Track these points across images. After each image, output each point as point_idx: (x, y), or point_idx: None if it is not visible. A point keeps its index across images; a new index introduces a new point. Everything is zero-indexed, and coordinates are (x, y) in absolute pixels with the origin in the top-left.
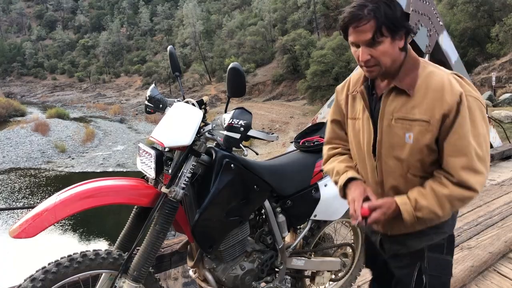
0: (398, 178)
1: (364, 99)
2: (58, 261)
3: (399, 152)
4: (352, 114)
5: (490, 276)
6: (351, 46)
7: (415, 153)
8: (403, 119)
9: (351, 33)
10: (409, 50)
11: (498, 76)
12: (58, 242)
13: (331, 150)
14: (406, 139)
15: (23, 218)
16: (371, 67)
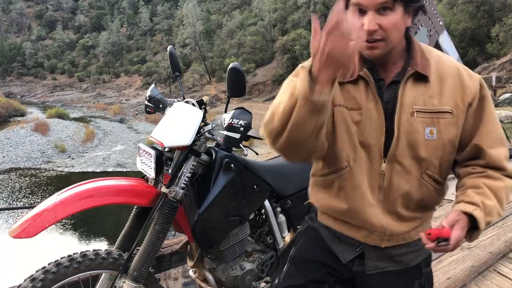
0: (412, 181)
1: (372, 85)
2: (58, 261)
3: (418, 151)
4: (346, 101)
5: (490, 276)
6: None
7: (437, 151)
8: (423, 111)
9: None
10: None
11: (498, 76)
12: (58, 242)
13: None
14: (426, 134)
15: (23, 218)
16: (375, 42)
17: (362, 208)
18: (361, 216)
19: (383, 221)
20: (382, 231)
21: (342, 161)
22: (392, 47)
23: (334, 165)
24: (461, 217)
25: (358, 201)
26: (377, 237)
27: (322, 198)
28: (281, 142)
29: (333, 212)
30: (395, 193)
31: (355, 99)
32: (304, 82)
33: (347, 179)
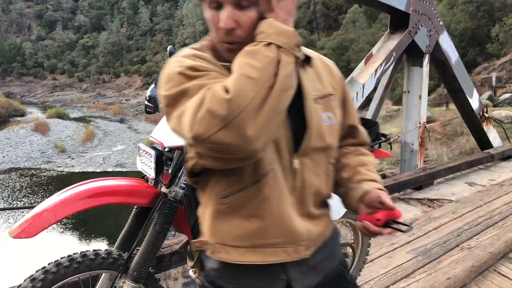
0: (321, 175)
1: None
2: (58, 261)
3: (325, 139)
4: None
5: (491, 276)
6: (207, 9)
7: (335, 136)
8: (318, 97)
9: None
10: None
11: (498, 76)
12: (58, 242)
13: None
14: (325, 120)
15: (23, 218)
16: (234, 44)
17: (288, 218)
18: (287, 228)
19: (305, 225)
20: (307, 237)
21: (265, 167)
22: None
23: (257, 172)
24: (381, 193)
25: (284, 210)
26: (303, 248)
27: (230, 227)
28: (258, 123)
29: (246, 240)
30: (308, 191)
31: None
32: (287, 32)
33: (271, 187)
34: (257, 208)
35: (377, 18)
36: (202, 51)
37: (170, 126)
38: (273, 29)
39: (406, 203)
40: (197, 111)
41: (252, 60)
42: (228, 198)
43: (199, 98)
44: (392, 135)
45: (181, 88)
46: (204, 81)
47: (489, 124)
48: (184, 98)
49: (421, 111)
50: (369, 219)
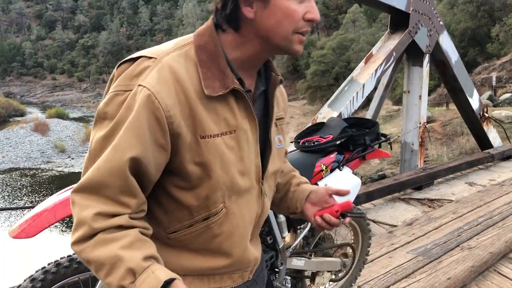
0: (271, 199)
1: (248, 99)
2: (58, 261)
3: (277, 163)
4: (218, 126)
5: (491, 277)
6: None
7: (282, 158)
8: (277, 119)
9: None
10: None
11: (499, 76)
12: (58, 242)
13: (107, 219)
14: (276, 143)
15: (23, 218)
16: (304, 35)
17: (241, 249)
18: (240, 258)
19: (254, 253)
20: (255, 263)
21: (216, 203)
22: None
23: (203, 211)
24: (327, 187)
25: (237, 243)
26: (248, 273)
27: (178, 259)
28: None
29: (197, 271)
30: (263, 217)
31: (225, 121)
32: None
33: (223, 223)
34: (207, 243)
35: (377, 18)
36: (188, 66)
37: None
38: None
39: (406, 203)
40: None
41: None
42: (176, 234)
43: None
44: (392, 135)
45: (111, 128)
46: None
47: (489, 124)
48: (107, 144)
49: (421, 111)
50: (329, 212)
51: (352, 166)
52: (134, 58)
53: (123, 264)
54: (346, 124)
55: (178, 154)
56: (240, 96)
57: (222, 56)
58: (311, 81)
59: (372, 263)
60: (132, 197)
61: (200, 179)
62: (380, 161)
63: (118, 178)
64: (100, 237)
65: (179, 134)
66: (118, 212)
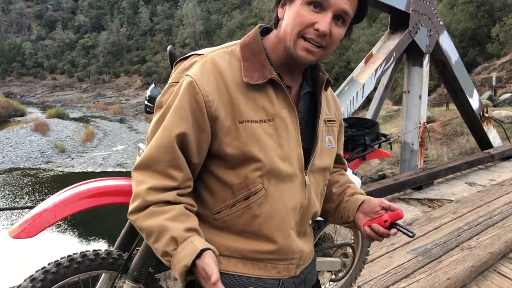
0: (318, 194)
1: (286, 91)
2: (58, 261)
3: (325, 161)
4: (257, 114)
5: (491, 276)
6: (305, 5)
7: (332, 158)
8: (327, 120)
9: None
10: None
11: (499, 76)
12: (58, 242)
13: (157, 193)
14: (326, 143)
15: (23, 218)
16: (317, 47)
17: (283, 235)
18: (282, 245)
19: (299, 245)
20: (299, 256)
21: (255, 183)
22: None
23: (244, 190)
24: (381, 199)
25: (278, 227)
26: (294, 266)
27: (223, 239)
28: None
29: (240, 252)
30: (311, 210)
31: (264, 109)
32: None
33: (262, 204)
34: (248, 224)
35: (377, 18)
36: (232, 60)
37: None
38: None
39: (406, 203)
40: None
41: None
42: (221, 214)
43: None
44: (392, 135)
45: (162, 113)
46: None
47: (489, 124)
48: (158, 127)
49: (421, 111)
50: (377, 222)
51: (352, 166)
52: (187, 56)
53: (168, 233)
54: (346, 124)
55: (217, 137)
56: (278, 87)
57: (263, 52)
58: None
59: (372, 263)
60: (179, 171)
61: (239, 160)
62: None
63: (167, 153)
64: (151, 209)
65: (217, 117)
66: (167, 185)
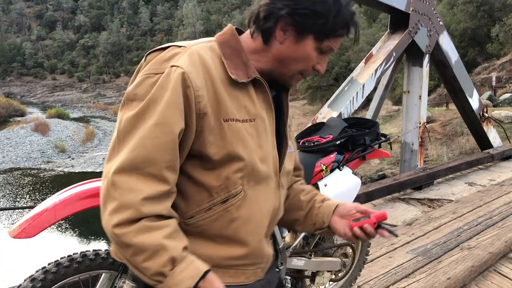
0: (284, 197)
1: (268, 93)
2: (58, 261)
3: (290, 164)
4: (239, 113)
5: (491, 276)
6: (316, 50)
7: (292, 162)
8: (288, 124)
9: (337, 38)
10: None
11: (498, 76)
12: (58, 242)
13: (153, 204)
14: (289, 147)
15: (23, 218)
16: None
17: (257, 239)
18: (255, 249)
19: (267, 248)
20: (267, 260)
21: (236, 185)
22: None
23: (223, 192)
24: (356, 203)
25: (253, 231)
26: (260, 270)
27: (194, 246)
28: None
29: (213, 261)
30: (280, 213)
31: (246, 109)
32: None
33: (241, 207)
34: (224, 228)
35: (377, 18)
36: (213, 57)
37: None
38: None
39: (406, 203)
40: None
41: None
42: (194, 218)
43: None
44: (392, 135)
45: (143, 107)
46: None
47: (489, 124)
48: (140, 123)
49: (421, 111)
50: (368, 223)
51: (352, 166)
52: (163, 47)
53: (167, 253)
54: (346, 124)
55: (202, 135)
56: (259, 87)
57: (244, 52)
58: (311, 81)
59: (372, 263)
60: (174, 172)
61: (221, 160)
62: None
63: (167, 152)
64: (144, 223)
65: (204, 114)
66: (161, 191)
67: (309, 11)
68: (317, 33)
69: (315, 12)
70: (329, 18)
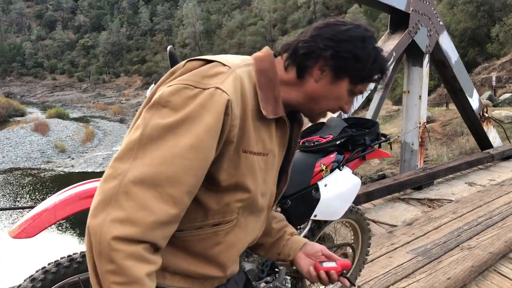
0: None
1: (287, 131)
2: (58, 261)
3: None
4: (258, 145)
5: (491, 276)
6: (347, 92)
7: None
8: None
9: (370, 83)
10: None
11: (498, 76)
12: (58, 242)
13: (160, 230)
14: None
15: (23, 218)
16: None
17: (233, 264)
18: (230, 273)
19: (235, 267)
20: (230, 274)
21: (233, 213)
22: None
23: (218, 216)
24: (322, 247)
25: (233, 257)
26: (224, 280)
27: (175, 258)
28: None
29: (188, 273)
30: (255, 240)
31: (263, 143)
32: None
33: (229, 233)
34: (208, 249)
35: (377, 18)
36: (249, 85)
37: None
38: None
39: (406, 203)
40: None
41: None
42: (183, 233)
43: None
44: (392, 135)
45: (179, 120)
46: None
47: (489, 124)
48: (169, 136)
49: (421, 111)
50: (335, 270)
51: (352, 166)
52: (207, 60)
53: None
54: (346, 124)
55: (218, 161)
56: (280, 124)
57: (278, 87)
58: None
59: (372, 263)
60: (191, 198)
61: (228, 187)
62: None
63: (194, 177)
64: (139, 251)
65: (230, 143)
66: (172, 215)
67: (351, 55)
68: (353, 76)
69: (356, 57)
70: (367, 64)
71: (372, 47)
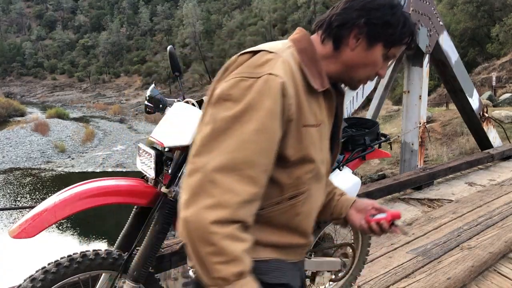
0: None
1: (333, 101)
2: (58, 261)
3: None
4: (312, 118)
5: (491, 276)
6: (382, 57)
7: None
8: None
9: (402, 46)
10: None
11: (498, 76)
12: (58, 242)
13: (247, 208)
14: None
15: (23, 218)
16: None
17: (311, 230)
18: (310, 240)
19: (311, 237)
20: (307, 243)
21: (304, 184)
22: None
23: (292, 189)
24: (372, 201)
25: (310, 224)
26: (304, 252)
27: (261, 233)
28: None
29: (275, 244)
30: (319, 207)
31: (315, 115)
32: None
33: (305, 203)
34: (289, 221)
35: None
36: (295, 64)
37: (197, 135)
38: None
39: (406, 203)
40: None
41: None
42: (265, 210)
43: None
44: (392, 135)
45: (241, 110)
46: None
47: (489, 124)
48: (237, 125)
49: (421, 111)
50: (384, 220)
51: (352, 166)
52: (254, 51)
53: (240, 265)
54: (346, 124)
55: (284, 139)
56: (327, 95)
57: (320, 62)
58: None
59: (372, 263)
60: (267, 176)
61: (296, 161)
62: (380, 161)
63: (266, 157)
64: (233, 231)
65: (290, 121)
66: (255, 194)
67: (382, 21)
68: (386, 41)
69: (387, 22)
70: (397, 28)
71: (401, 13)
